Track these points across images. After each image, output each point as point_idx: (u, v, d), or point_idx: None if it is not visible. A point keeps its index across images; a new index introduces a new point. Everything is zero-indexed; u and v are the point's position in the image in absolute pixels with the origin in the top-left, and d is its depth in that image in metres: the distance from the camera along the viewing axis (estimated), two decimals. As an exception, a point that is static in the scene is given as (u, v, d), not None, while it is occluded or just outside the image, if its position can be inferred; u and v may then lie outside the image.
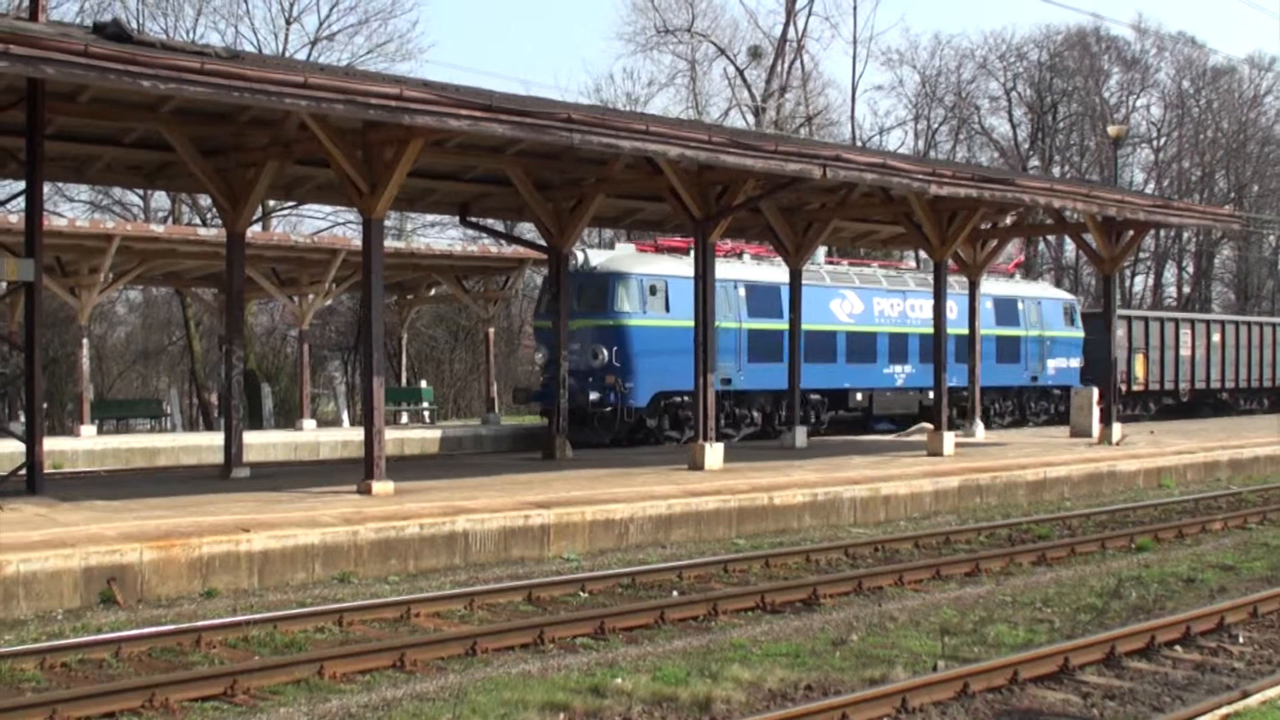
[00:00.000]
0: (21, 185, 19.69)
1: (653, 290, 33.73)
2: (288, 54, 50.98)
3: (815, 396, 37.64)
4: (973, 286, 35.43)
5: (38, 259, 19.07)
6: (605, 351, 33.10)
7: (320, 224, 56.41)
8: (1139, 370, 50.22)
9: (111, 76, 15.71)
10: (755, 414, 36.60)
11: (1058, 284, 74.16)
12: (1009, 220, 35.09)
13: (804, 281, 33.54)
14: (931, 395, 36.83)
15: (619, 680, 10.90)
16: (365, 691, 10.86)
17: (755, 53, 65.65)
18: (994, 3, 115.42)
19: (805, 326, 33.84)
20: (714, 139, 21.94)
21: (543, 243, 29.20)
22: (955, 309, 37.02)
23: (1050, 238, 67.49)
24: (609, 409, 33.20)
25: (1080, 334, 46.85)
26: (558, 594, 15.05)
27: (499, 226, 38.83)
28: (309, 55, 51.69)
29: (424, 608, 13.99)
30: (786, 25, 64.28)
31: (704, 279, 24.56)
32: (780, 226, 30.96)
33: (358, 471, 20.35)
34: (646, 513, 19.24)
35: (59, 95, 19.70)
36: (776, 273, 36.03)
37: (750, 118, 63.11)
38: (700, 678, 11.01)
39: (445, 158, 24.20)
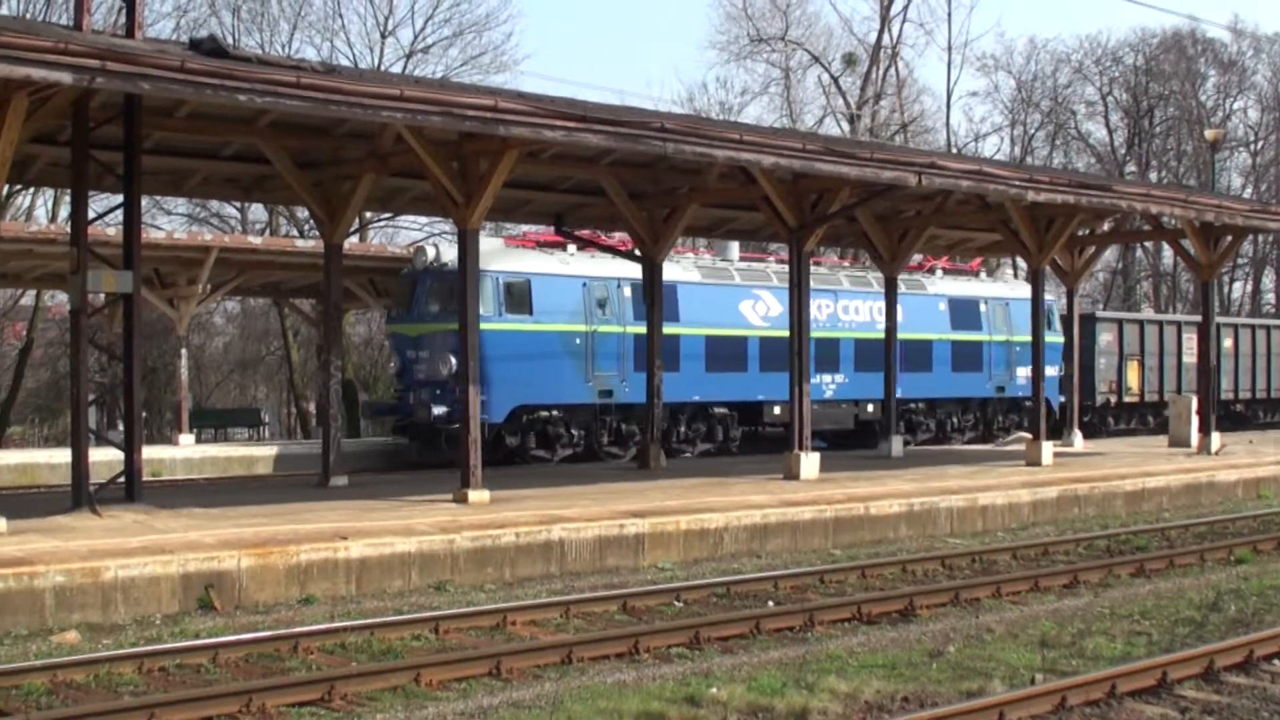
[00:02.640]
0: (120, 199, 19.95)
1: (512, 290, 29.82)
2: (383, 67, 51.36)
3: (721, 410, 33.91)
4: (1070, 295, 35.00)
5: (136, 271, 19.31)
6: (454, 359, 27.98)
7: (416, 234, 56.73)
8: (1131, 379, 45.39)
9: (208, 91, 15.90)
10: (635, 430, 32.04)
11: (1155, 292, 73.19)
12: (1106, 226, 34.72)
13: (706, 280, 32.65)
14: (871, 409, 35.75)
15: (714, 690, 10.87)
16: (462, 699, 10.91)
17: (850, 60, 65.38)
18: (1089, 6, 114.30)
19: (709, 331, 32.48)
20: (808, 147, 21.87)
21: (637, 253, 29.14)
22: (902, 312, 33.83)
23: (1148, 244, 66.71)
24: (458, 424, 29.18)
25: (1059, 339, 40.08)
26: (653, 603, 15.03)
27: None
28: (404, 68, 52.03)
29: (520, 616, 14.03)
30: (881, 32, 63.98)
31: (799, 286, 24.48)
32: (876, 234, 30.78)
33: (454, 480, 20.45)
34: (741, 522, 19.20)
35: (156, 111, 19.95)
36: (669, 270, 31.42)
37: (845, 125, 62.83)
38: (796, 689, 10.96)
39: (540, 168, 24.28)
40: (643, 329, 29.85)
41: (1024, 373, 39.39)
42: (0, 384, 51.01)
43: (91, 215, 19.49)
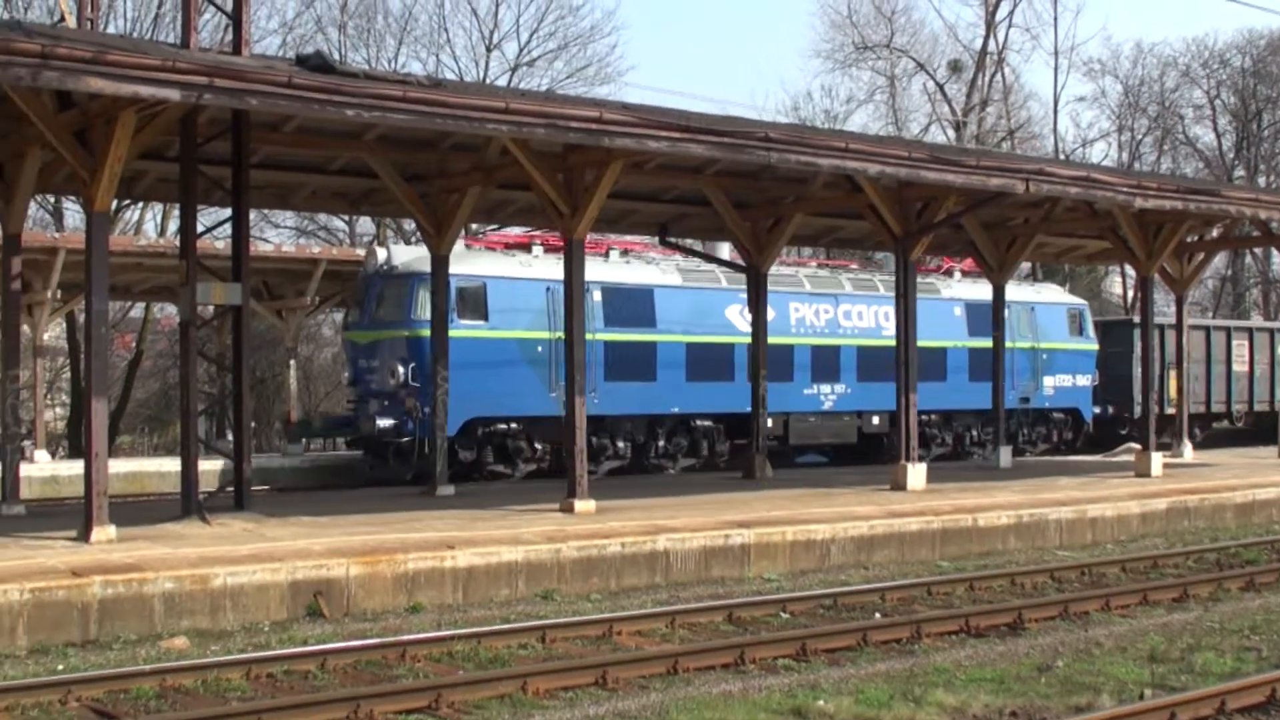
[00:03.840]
0: (228, 213, 20.21)
1: (464, 295, 27.79)
2: (488, 81, 51.68)
3: (706, 423, 31.70)
4: (1179, 302, 34.51)
5: (244, 283, 19.54)
6: (402, 369, 27.45)
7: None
8: (1172, 389, 40.32)
9: (315, 107, 16.09)
10: (621, 444, 30.54)
11: (1265, 299, 71.96)
12: (1215, 232, 34.20)
13: (688, 284, 30.94)
14: (877, 421, 33.75)
15: (821, 702, 10.83)
16: (568, 708, 10.94)
17: (955, 67, 64.94)
18: (1195, 8, 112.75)
19: (690, 338, 30.57)
20: (914, 155, 21.75)
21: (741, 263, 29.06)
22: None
23: (1257, 250, 65.63)
24: (407, 439, 27.29)
25: (1092, 346, 39.37)
26: (759, 614, 14.98)
27: (698, 246, 38.68)
28: (509, 81, 52.31)
29: (626, 626, 14.04)
30: (987, 38, 63.50)
31: (905, 297, 24.33)
32: (983, 243, 30.53)
33: (560, 489, 20.51)
34: (848, 533, 19.10)
35: (264, 125, 20.21)
36: (645, 273, 31.06)
37: (951, 133, 62.42)
38: (904, 701, 10.90)
39: (644, 179, 24.31)
40: (616, 336, 29.54)
41: (1052, 382, 38.05)
42: (110, 394, 51.68)
43: (200, 229, 19.75)
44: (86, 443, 16.64)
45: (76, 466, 29.71)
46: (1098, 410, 39.52)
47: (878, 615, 15.07)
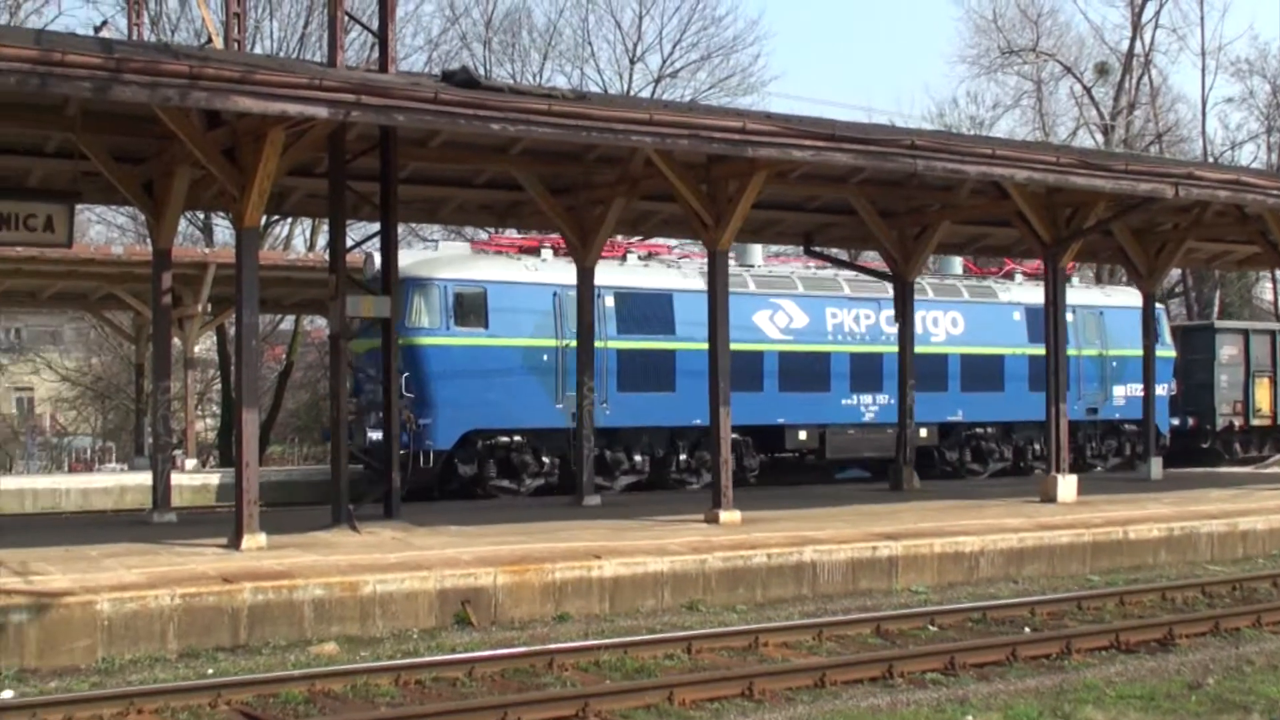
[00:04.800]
0: (376, 226, 20.48)
1: (462, 300, 26.78)
2: (632, 93, 51.88)
3: (733, 436, 28.47)
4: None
5: (393, 296, 19.80)
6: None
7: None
8: (1261, 399, 38.97)
9: (461, 121, 16.27)
10: (637, 458, 29.13)
11: None
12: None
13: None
14: (925, 434, 31.38)
15: (969, 718, 10.72)
16: (714, 719, 10.91)
17: (1102, 69, 63.91)
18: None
19: None
20: (1061, 160, 21.46)
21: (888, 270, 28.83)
22: (960, 322, 32.22)
23: None
24: (401, 451, 24.48)
25: (1169, 353, 36.28)
26: (906, 627, 14.84)
27: (843, 256, 38.43)
28: (652, 93, 52.45)
29: (772, 637, 13.97)
30: (1133, 40, 62.46)
31: (1054, 304, 24.01)
32: (1132, 249, 30.00)
33: (705, 500, 20.48)
34: (997, 546, 18.86)
35: (411, 141, 20.46)
36: (663, 277, 29.52)
37: (1098, 137, 61.47)
38: (1052, 718, 10.75)
39: (789, 188, 24.23)
40: (630, 343, 28.10)
41: (1123, 392, 35.53)
42: (261, 405, 52.55)
43: (349, 243, 20.02)
44: (237, 453, 16.95)
45: (227, 475, 30.42)
46: (1175, 422, 37.05)
47: (1027, 630, 14.85)
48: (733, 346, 27.43)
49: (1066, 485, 23.57)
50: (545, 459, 28.07)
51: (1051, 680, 12.35)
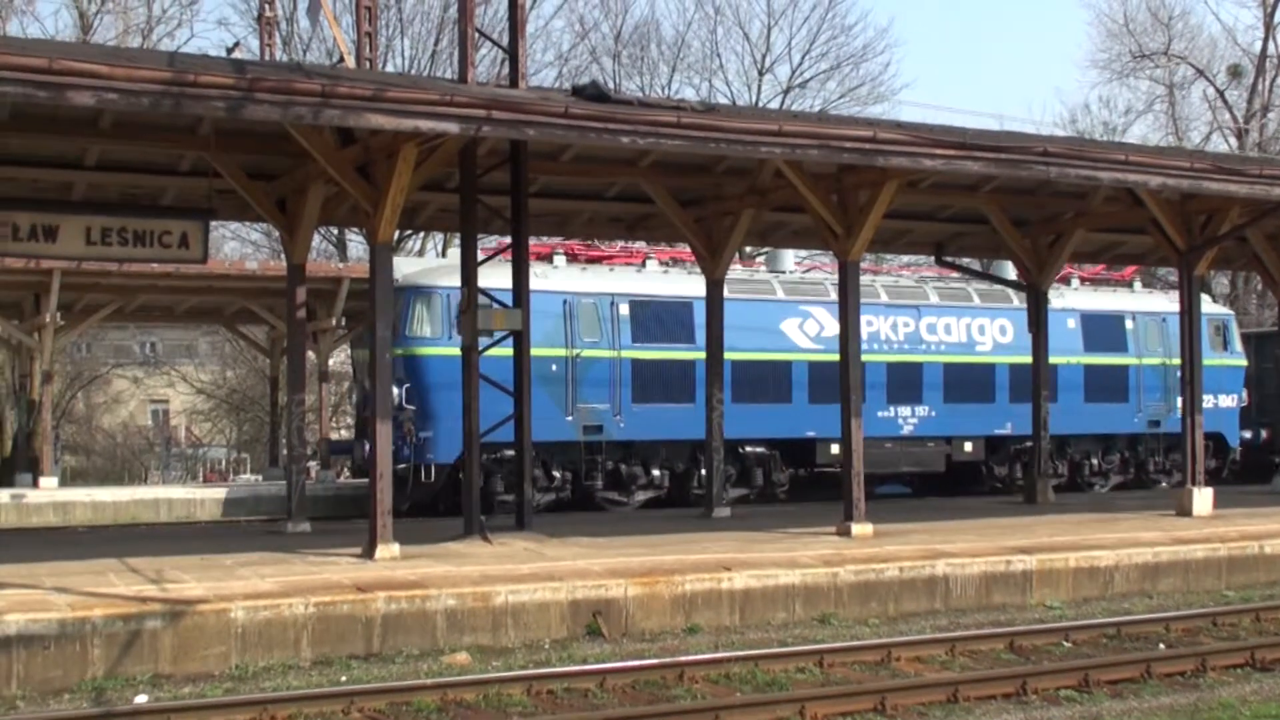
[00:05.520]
0: (507, 240, 20.62)
1: None
2: (760, 104, 51.81)
3: (759, 450, 28.93)
4: None
5: (525, 309, 19.93)
6: (396, 390, 23.91)
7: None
8: None
9: (591, 135, 16.37)
10: (657, 472, 27.92)
11: None
12: None
13: (735, 295, 27.08)
14: (969, 448, 30.28)
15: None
16: (846, 734, 10.87)
17: (1235, 72, 62.71)
18: None
19: (737, 355, 26.92)
20: (1195, 165, 21.11)
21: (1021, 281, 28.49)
22: (1009, 330, 30.68)
23: None
24: (402, 465, 24.59)
25: (1239, 362, 34.39)
26: (1040, 642, 14.66)
27: (975, 266, 37.82)
28: (781, 103, 52.35)
29: (904, 651, 13.87)
30: (1266, 41, 61.20)
31: (1190, 314, 23.58)
32: (1269, 256, 29.15)
33: (836, 512, 20.37)
34: (1131, 560, 18.56)
35: (542, 155, 20.59)
36: (683, 284, 28.29)
37: (1232, 141, 60.37)
38: (1188, 736, 10.56)
39: (919, 198, 24.04)
40: (646, 353, 27.19)
41: None
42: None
43: (480, 256, 20.16)
44: (371, 464, 17.11)
45: (359, 486, 29.94)
46: (1247, 435, 34.84)
47: (1161, 646, 14.63)
48: (758, 356, 27.82)
49: (1202, 498, 23.14)
50: (556, 473, 27.03)
51: (1186, 698, 12.17)
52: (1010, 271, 31.86)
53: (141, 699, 11.93)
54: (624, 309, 27.26)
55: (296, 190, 20.50)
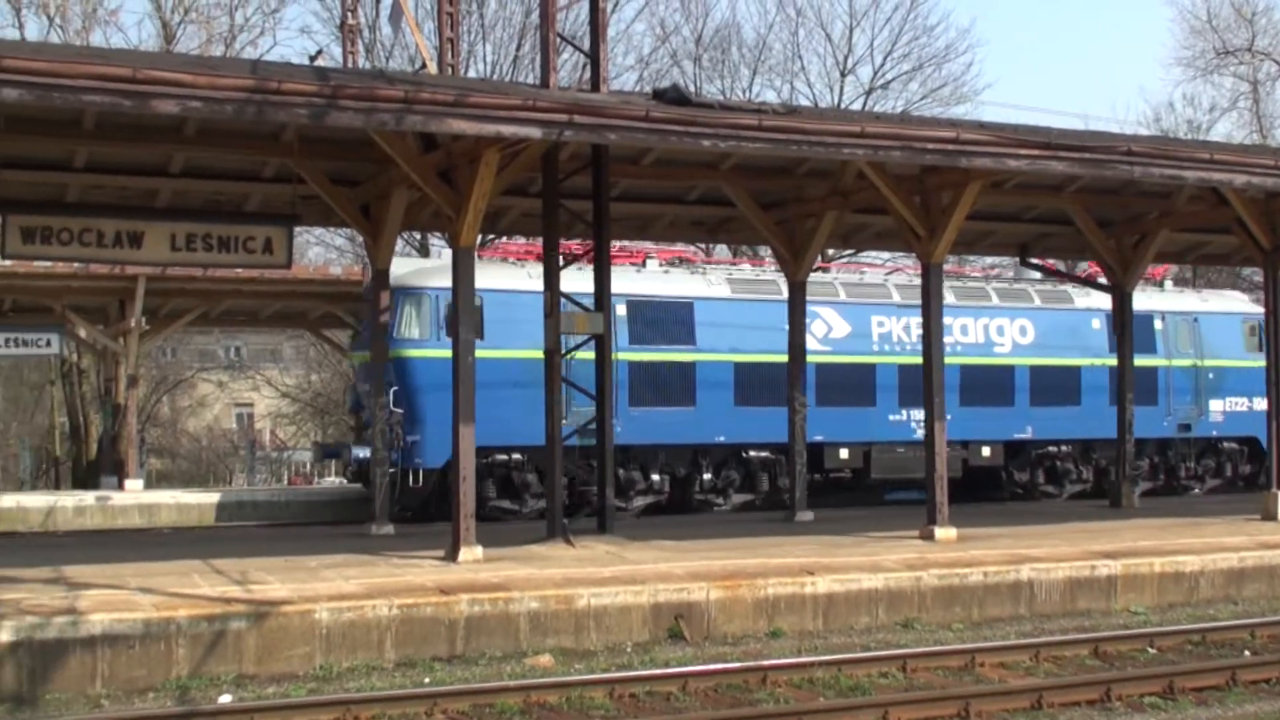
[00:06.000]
0: (589, 244, 20.67)
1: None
2: (842, 106, 51.60)
3: (763, 454, 27.72)
4: None
5: (606, 312, 19.96)
6: (384, 393, 23.89)
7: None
8: None
9: (672, 139, 16.39)
10: (656, 477, 27.03)
11: None
12: None
13: (738, 295, 27.32)
14: (988, 452, 28.99)
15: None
16: (929, 739, 10.81)
17: (1319, 67, 61.87)
18: None
19: (740, 358, 26.83)
20: (1280, 164, 20.84)
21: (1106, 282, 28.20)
22: (1029, 330, 29.84)
23: None
24: (390, 470, 23.70)
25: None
26: (1125, 648, 14.52)
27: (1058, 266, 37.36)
28: (863, 105, 52.08)
29: (988, 657, 13.77)
30: (1349, 32, 60.37)
31: (1275, 316, 23.27)
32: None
33: (919, 516, 20.27)
34: (1217, 565, 18.32)
35: (623, 159, 20.64)
36: (684, 284, 27.58)
37: (1318, 138, 59.53)
38: (1275, 743, 10.43)
39: (1002, 198, 23.89)
40: (643, 355, 26.21)
41: (1221, 406, 32.19)
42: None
43: (562, 261, 20.21)
44: (454, 467, 17.19)
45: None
46: None
47: (1246, 653, 14.45)
48: (762, 358, 26.92)
49: (1289, 502, 22.83)
50: None
51: (1271, 706, 12.04)
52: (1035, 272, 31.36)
53: (225, 698, 12.06)
54: (621, 310, 25.97)
55: (380, 196, 20.65)
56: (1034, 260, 28.72)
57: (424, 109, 14.99)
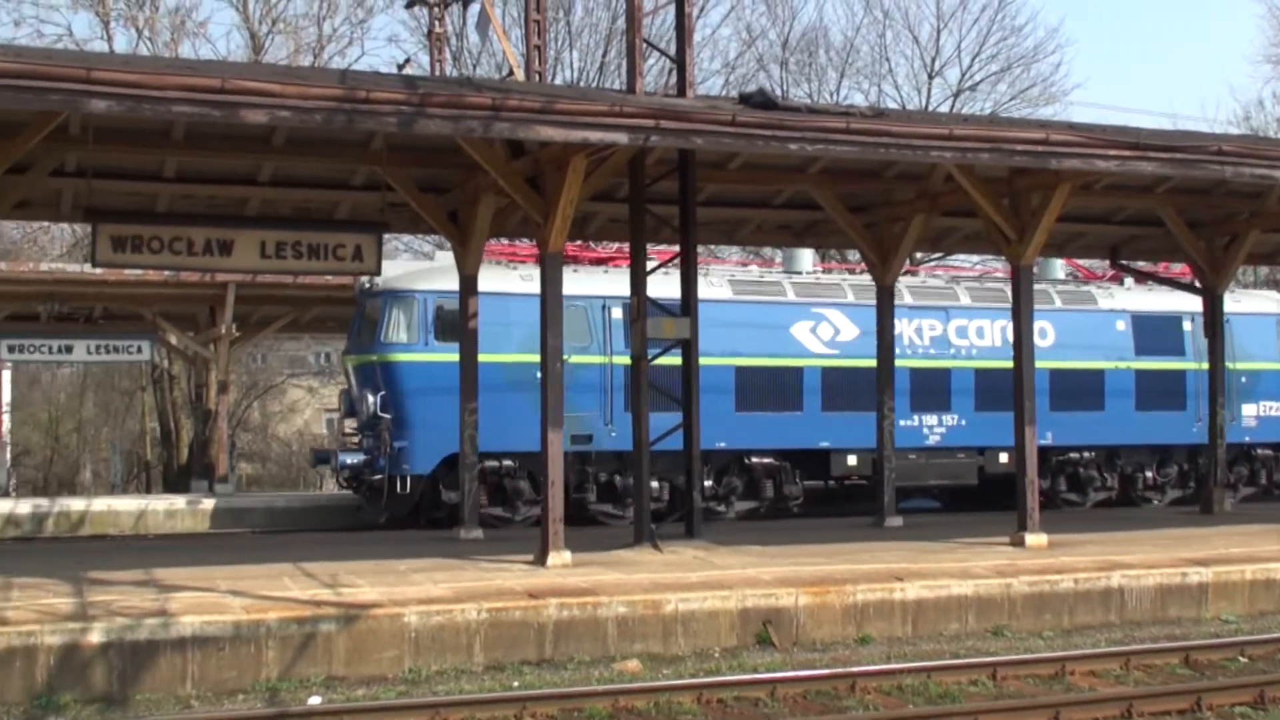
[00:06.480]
0: (676, 249, 20.67)
1: (442, 313, 24.49)
2: (930, 108, 51.32)
3: (767, 461, 27.07)
4: None
5: (693, 318, 19.96)
6: (372, 398, 24.21)
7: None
8: None
9: (759, 143, 16.39)
10: (654, 484, 24.55)
11: None
12: None
13: (739, 297, 26.68)
14: (1004, 459, 27.07)
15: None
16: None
17: None
18: None
19: (741, 361, 26.25)
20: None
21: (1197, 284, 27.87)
22: (1049, 332, 28.69)
23: None
24: (378, 476, 24.17)
25: None
26: (1216, 657, 14.38)
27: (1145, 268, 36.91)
28: (951, 107, 51.77)
29: (1079, 665, 13.69)
30: None
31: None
32: None
33: (1009, 522, 20.13)
34: (1312, 571, 18.08)
35: (710, 164, 20.63)
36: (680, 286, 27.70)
37: None
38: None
39: (1092, 200, 23.65)
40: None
41: (1254, 411, 30.94)
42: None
43: (649, 265, 20.23)
44: (543, 472, 17.26)
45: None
46: None
47: (1340, 662, 14.25)
48: (766, 361, 26.61)
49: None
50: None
51: (1366, 715, 11.85)
52: (1059, 272, 30.81)
53: (315, 700, 12.19)
54: (616, 312, 25.48)
55: (468, 202, 20.76)
56: (1123, 262, 28.30)
57: (511, 116, 15.08)
